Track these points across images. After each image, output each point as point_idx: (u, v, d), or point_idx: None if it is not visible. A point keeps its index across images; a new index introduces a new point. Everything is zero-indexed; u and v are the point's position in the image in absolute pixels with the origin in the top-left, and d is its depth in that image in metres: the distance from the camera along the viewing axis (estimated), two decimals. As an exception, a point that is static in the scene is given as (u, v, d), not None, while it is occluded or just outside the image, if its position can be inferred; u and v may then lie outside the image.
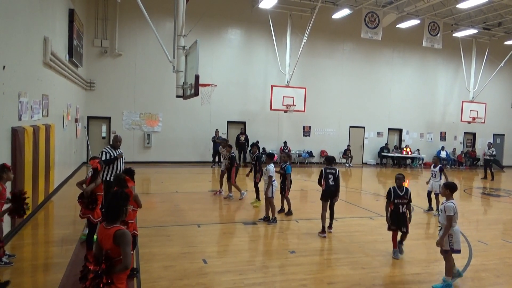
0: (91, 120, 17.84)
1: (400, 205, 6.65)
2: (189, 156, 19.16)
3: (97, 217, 5.90)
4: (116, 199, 3.40)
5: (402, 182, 6.82)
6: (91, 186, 5.93)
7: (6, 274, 5.58)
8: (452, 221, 5.44)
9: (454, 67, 24.03)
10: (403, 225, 6.67)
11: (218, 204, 10.61)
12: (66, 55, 12.27)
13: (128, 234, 3.27)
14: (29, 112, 8.05)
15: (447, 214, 5.45)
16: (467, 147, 25.55)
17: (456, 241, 5.51)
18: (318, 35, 20.21)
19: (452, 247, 5.50)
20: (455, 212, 5.45)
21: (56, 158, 10.49)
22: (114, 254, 3.23)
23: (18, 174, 7.06)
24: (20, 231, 7.46)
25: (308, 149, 21.27)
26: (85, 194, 5.92)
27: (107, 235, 3.26)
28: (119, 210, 3.35)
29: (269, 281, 5.65)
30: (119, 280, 3.27)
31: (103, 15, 17.47)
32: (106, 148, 7.84)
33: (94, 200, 5.94)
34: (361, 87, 22.12)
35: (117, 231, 3.25)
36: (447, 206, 5.49)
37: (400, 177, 6.88)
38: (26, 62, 7.98)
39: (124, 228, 3.35)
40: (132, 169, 5.94)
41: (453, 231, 5.49)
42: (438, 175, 10.18)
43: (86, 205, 5.90)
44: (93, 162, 6.06)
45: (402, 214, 6.65)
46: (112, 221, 3.34)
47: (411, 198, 6.75)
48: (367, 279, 5.82)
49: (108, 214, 3.36)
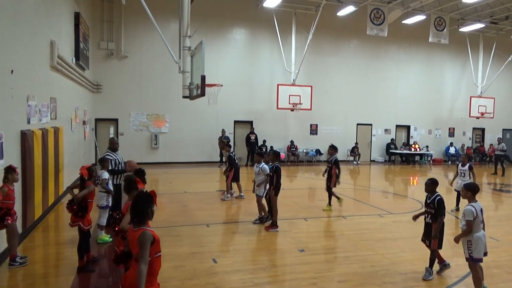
0: (99, 122, 17.97)
1: (426, 213, 5.86)
2: (196, 156, 19.22)
3: (87, 225, 5.68)
4: (140, 201, 3.37)
5: (429, 188, 5.80)
6: (83, 192, 5.62)
7: (19, 275, 5.65)
8: (473, 227, 4.95)
9: (461, 62, 23.81)
10: (426, 237, 5.89)
11: (226, 204, 10.61)
12: (72, 58, 12.36)
13: (148, 236, 3.23)
14: (37, 115, 8.12)
15: (466, 218, 4.97)
16: (476, 142, 25.30)
17: (477, 249, 4.96)
18: (323, 33, 20.14)
19: (471, 255, 4.99)
20: (475, 216, 4.93)
21: (65, 161, 10.58)
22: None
23: (28, 177, 7.13)
24: (31, 233, 7.53)
25: (316, 148, 21.21)
26: (75, 200, 5.61)
27: (134, 238, 3.27)
28: (143, 211, 3.33)
29: (279, 280, 5.64)
30: (147, 281, 3.25)
31: (109, 18, 17.57)
32: (108, 153, 7.70)
33: (84, 207, 5.64)
34: (367, 84, 22.01)
35: (141, 232, 3.25)
36: (466, 210, 5.01)
37: (427, 182, 5.85)
38: (34, 66, 8.05)
39: (148, 229, 3.31)
40: (143, 169, 5.86)
41: (473, 237, 4.97)
42: (467, 174, 9.73)
43: (75, 212, 5.61)
44: (82, 168, 5.77)
45: (426, 224, 5.86)
46: (139, 223, 3.32)
47: (440, 210, 5.61)
48: (377, 277, 5.78)
49: (134, 217, 3.34)
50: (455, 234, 5.71)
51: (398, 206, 11.03)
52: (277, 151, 9.78)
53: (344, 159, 21.73)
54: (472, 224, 4.95)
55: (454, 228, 8.54)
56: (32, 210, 7.43)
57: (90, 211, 5.79)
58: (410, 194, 13.29)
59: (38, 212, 7.90)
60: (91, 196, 5.83)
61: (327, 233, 8.06)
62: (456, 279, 5.76)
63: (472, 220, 4.94)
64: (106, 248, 6.89)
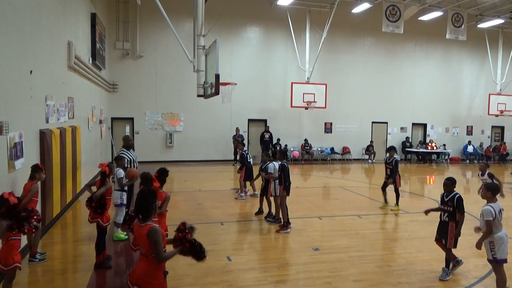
0: (115, 121, 18.22)
1: (442, 211, 5.78)
2: (210, 155, 19.31)
3: (106, 222, 5.79)
4: (143, 197, 3.48)
5: (449, 188, 5.72)
6: (101, 190, 5.73)
7: (39, 272, 5.78)
8: (493, 227, 4.84)
9: (479, 59, 23.31)
10: (443, 236, 5.75)
11: (240, 202, 10.64)
12: (89, 58, 12.55)
13: (159, 231, 3.34)
14: (55, 114, 8.28)
15: (486, 219, 4.83)
16: (495, 141, 24.75)
17: (501, 250, 4.84)
18: (337, 30, 19.97)
19: (495, 256, 4.87)
20: (494, 217, 4.82)
21: (82, 159, 10.76)
22: (149, 253, 3.34)
23: (47, 175, 7.26)
24: (49, 230, 7.69)
25: (330, 146, 21.07)
26: (94, 198, 5.73)
27: (142, 234, 3.37)
28: (148, 207, 3.44)
29: (293, 279, 5.63)
30: (155, 276, 3.36)
31: (124, 18, 17.79)
32: (123, 152, 7.81)
33: (103, 204, 5.74)
34: (383, 82, 21.75)
35: (149, 228, 3.34)
36: (484, 210, 4.88)
37: (447, 183, 5.75)
38: (52, 67, 8.21)
39: (156, 225, 3.43)
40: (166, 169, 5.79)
41: (495, 238, 4.86)
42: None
43: (94, 209, 5.74)
44: (102, 165, 5.95)
45: (442, 222, 5.78)
46: (144, 219, 3.43)
47: (460, 207, 5.58)
48: (393, 276, 5.72)
49: (139, 213, 3.45)
50: (471, 233, 5.60)
51: (414, 205, 10.88)
52: (284, 149, 9.75)
53: (359, 158, 21.58)
54: (491, 225, 4.83)
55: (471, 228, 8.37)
56: (50, 207, 7.59)
57: (108, 208, 5.91)
58: (426, 193, 13.09)
59: (56, 210, 8.06)
60: (109, 193, 5.95)
61: (342, 232, 8.01)
62: (474, 280, 5.66)
63: (492, 220, 4.82)
64: (122, 246, 6.99)
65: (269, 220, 8.52)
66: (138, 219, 3.47)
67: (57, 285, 5.44)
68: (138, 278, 3.36)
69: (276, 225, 8.21)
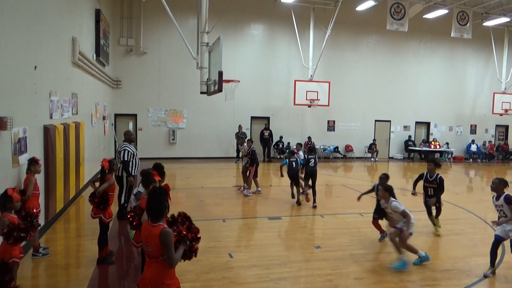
0: (118, 117, 18.27)
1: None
2: (213, 152, 19.34)
3: (108, 217, 5.80)
4: (155, 196, 3.35)
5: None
6: (104, 185, 5.72)
7: (42, 266, 5.83)
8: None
9: (484, 58, 23.18)
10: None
11: (242, 199, 10.66)
12: (93, 55, 12.58)
13: (171, 235, 3.23)
14: (59, 110, 8.32)
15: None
16: (499, 140, 24.65)
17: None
18: (341, 28, 19.90)
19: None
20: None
21: (85, 155, 10.82)
22: (157, 253, 3.25)
23: (50, 170, 7.33)
24: (53, 225, 7.75)
25: (333, 144, 21.05)
26: (97, 193, 5.73)
27: (153, 234, 3.24)
28: (161, 206, 3.32)
29: (295, 276, 5.65)
30: (169, 276, 3.29)
31: (128, 14, 17.81)
32: (125, 146, 8.07)
33: (106, 200, 5.74)
34: (386, 80, 21.68)
35: (162, 230, 3.22)
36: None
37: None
38: (56, 62, 8.25)
39: (167, 228, 3.30)
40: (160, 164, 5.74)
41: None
42: (507, 211, 5.64)
43: (97, 205, 5.74)
44: (104, 160, 5.92)
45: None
46: (157, 218, 3.31)
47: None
48: (394, 274, 5.73)
49: (152, 212, 3.32)
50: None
51: (415, 204, 10.85)
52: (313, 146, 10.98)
53: (361, 156, 21.55)
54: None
55: (474, 227, 8.37)
56: (54, 202, 7.64)
57: (111, 204, 5.91)
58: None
59: (59, 205, 8.11)
60: (112, 189, 5.94)
61: (344, 230, 8.01)
62: (476, 278, 5.66)
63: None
64: (123, 242, 7.03)
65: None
66: (149, 218, 3.35)
67: (60, 280, 5.48)
68: (151, 283, 3.26)
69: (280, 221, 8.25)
